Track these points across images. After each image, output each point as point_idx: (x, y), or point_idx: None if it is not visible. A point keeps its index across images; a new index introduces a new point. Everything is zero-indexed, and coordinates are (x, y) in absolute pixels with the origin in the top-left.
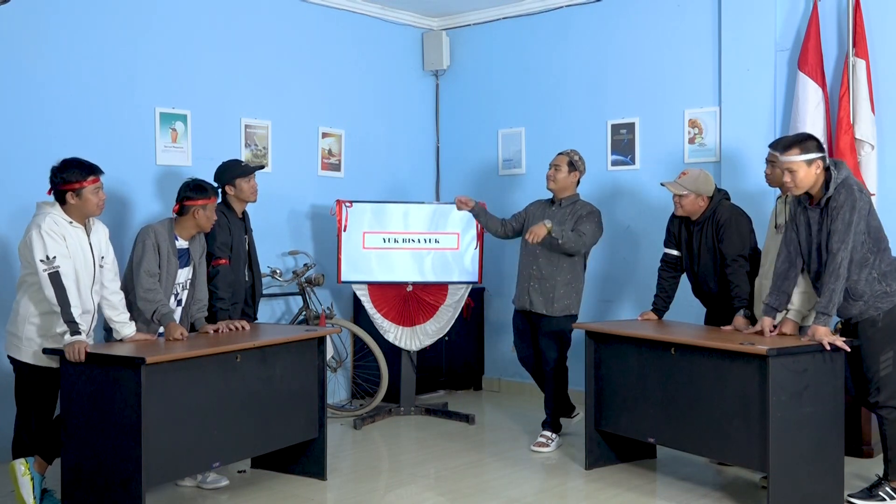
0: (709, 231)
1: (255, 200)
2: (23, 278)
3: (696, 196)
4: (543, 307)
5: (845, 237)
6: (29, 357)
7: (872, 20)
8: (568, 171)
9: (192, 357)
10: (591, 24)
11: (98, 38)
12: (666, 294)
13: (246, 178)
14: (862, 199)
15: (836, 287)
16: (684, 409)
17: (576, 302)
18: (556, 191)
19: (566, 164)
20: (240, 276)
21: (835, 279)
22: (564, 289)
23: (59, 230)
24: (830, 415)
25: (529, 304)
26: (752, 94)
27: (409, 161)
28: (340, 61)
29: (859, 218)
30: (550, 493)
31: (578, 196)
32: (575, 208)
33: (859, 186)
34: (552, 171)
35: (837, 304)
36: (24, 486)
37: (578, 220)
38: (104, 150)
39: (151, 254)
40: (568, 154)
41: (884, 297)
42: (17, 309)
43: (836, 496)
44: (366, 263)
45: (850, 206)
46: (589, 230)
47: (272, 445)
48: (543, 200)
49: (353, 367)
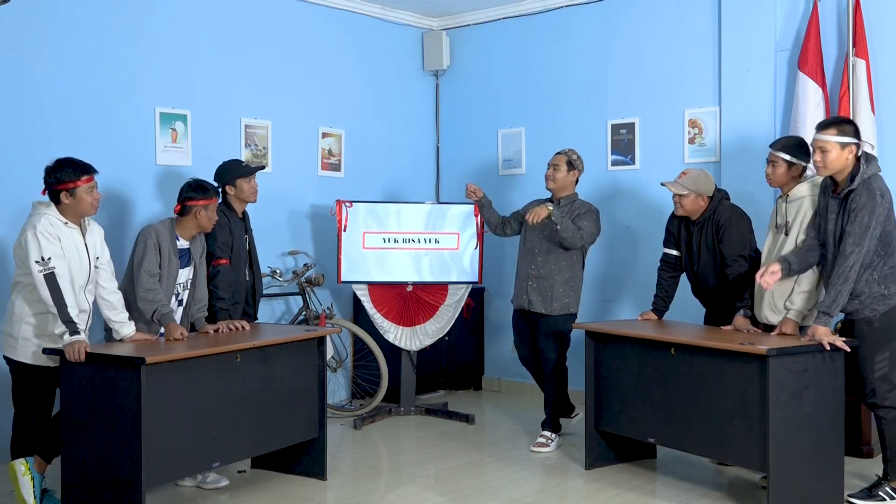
0: (708, 231)
1: (255, 200)
2: (17, 279)
3: (696, 196)
4: (542, 306)
5: (861, 241)
6: (26, 357)
7: (872, 20)
8: (567, 171)
9: (192, 357)
10: (591, 24)
11: (98, 38)
12: (666, 294)
13: (247, 179)
14: (882, 204)
15: (842, 289)
16: (684, 409)
17: (575, 301)
18: (554, 190)
19: (565, 164)
20: (240, 276)
21: (842, 281)
22: (563, 287)
23: (54, 231)
24: (830, 415)
25: (528, 304)
26: (752, 94)
27: (409, 161)
28: (340, 61)
29: (877, 224)
30: (550, 493)
31: (577, 195)
32: (573, 207)
33: (882, 191)
34: (551, 170)
35: (841, 305)
36: (25, 486)
37: (577, 218)
38: (104, 150)
39: (152, 254)
40: (566, 153)
41: (881, 300)
42: (11, 309)
43: (836, 496)
44: (366, 263)
45: (869, 210)
46: (587, 227)
47: (272, 445)
48: (542, 200)
49: (353, 367)
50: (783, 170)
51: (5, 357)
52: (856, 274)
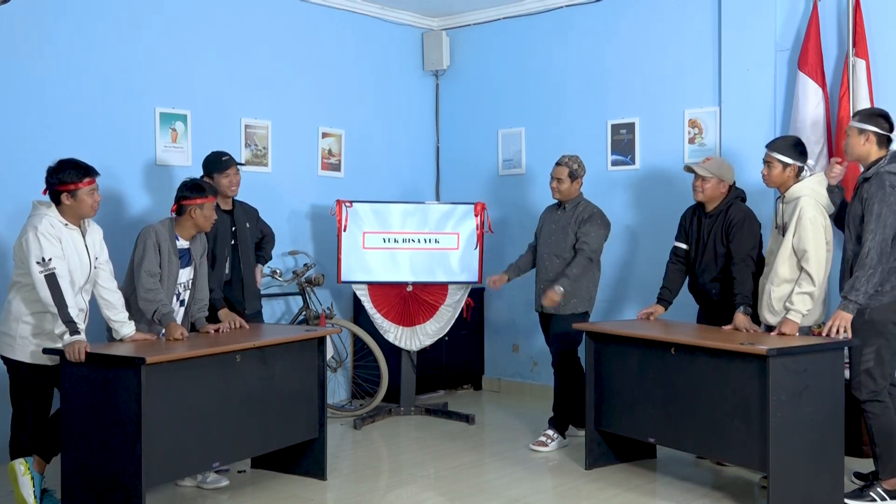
0: (719, 226)
1: (234, 195)
2: (15, 279)
3: (718, 181)
4: (552, 307)
5: (875, 228)
6: (24, 356)
7: (872, 20)
8: (570, 182)
9: (192, 357)
10: (591, 24)
11: (98, 38)
12: (673, 285)
13: (223, 174)
14: (893, 194)
15: (860, 274)
16: (684, 409)
17: (585, 300)
18: (561, 198)
19: (567, 176)
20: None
21: (860, 267)
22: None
23: (55, 232)
24: (830, 415)
25: (541, 307)
26: (752, 94)
27: (409, 161)
28: (340, 61)
29: (888, 212)
30: (550, 493)
31: (582, 196)
32: (577, 211)
33: (892, 182)
34: (555, 183)
35: (864, 293)
36: (25, 486)
37: (581, 224)
38: (104, 150)
39: (152, 254)
40: (566, 164)
41: (875, 296)
42: (8, 309)
43: (836, 496)
44: (366, 263)
45: (879, 198)
46: (592, 236)
47: (272, 445)
48: (552, 206)
49: (353, 367)
50: (778, 170)
51: (2, 356)
52: (875, 261)
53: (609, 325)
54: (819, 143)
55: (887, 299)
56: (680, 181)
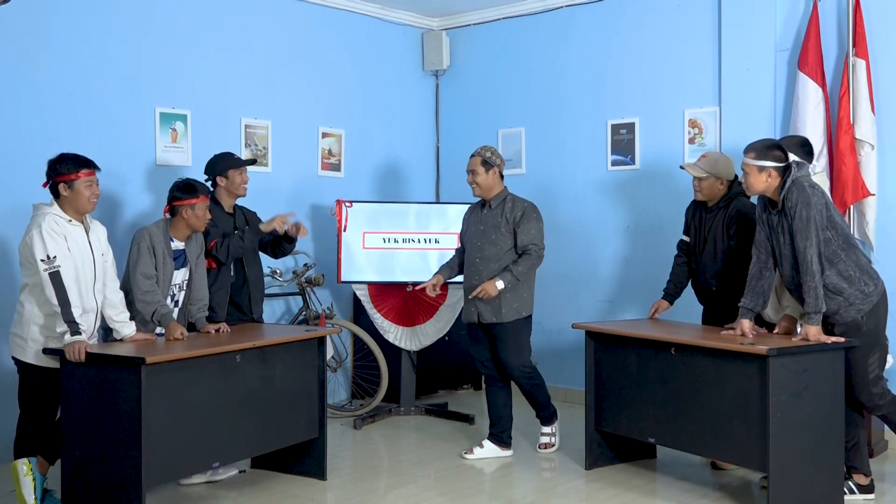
0: (720, 221)
1: (244, 195)
2: (25, 281)
3: (714, 179)
4: (492, 315)
5: (808, 234)
6: (35, 358)
7: (872, 20)
8: (486, 171)
9: (192, 357)
10: (591, 24)
11: (98, 38)
12: (678, 279)
13: (238, 170)
14: (814, 194)
15: (812, 283)
16: (684, 409)
17: (529, 304)
18: (482, 194)
19: (480, 165)
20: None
21: (810, 276)
22: (510, 293)
23: (59, 230)
24: (830, 415)
25: (478, 317)
26: (752, 94)
27: (409, 161)
28: (340, 61)
29: (817, 212)
30: (550, 493)
31: (507, 191)
32: (506, 209)
33: (810, 182)
34: (470, 177)
35: (821, 300)
36: (26, 487)
37: (517, 224)
38: (104, 150)
39: (147, 256)
40: (479, 154)
41: (864, 299)
42: (20, 311)
43: (836, 496)
44: (366, 263)
45: (804, 202)
46: (534, 233)
47: (272, 445)
48: (474, 205)
49: (353, 367)
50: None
51: (14, 358)
52: (818, 266)
53: (609, 325)
54: (819, 143)
55: (875, 299)
56: (680, 181)
